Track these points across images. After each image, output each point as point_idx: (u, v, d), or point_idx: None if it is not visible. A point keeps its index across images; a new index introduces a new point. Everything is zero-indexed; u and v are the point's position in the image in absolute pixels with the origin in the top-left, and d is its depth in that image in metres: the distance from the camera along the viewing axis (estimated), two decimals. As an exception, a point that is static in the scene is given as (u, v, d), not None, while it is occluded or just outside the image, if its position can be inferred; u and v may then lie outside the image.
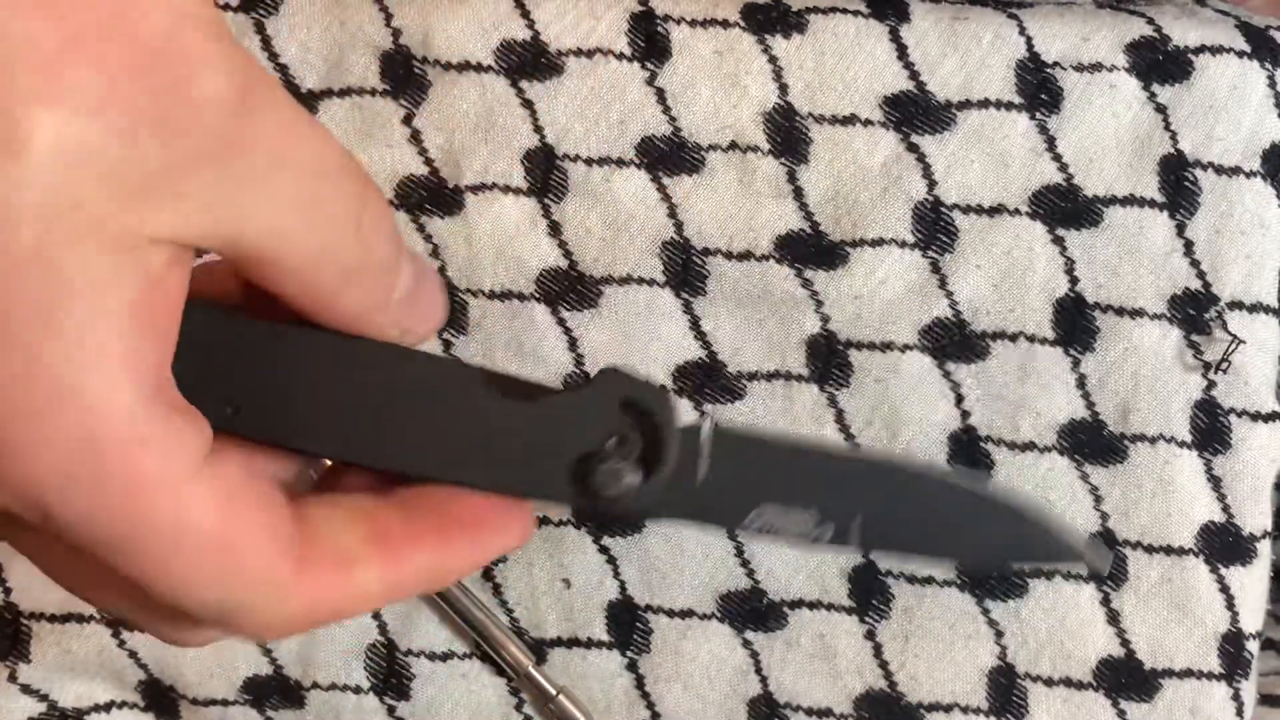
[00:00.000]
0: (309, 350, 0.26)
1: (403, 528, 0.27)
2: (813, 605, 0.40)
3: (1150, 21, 0.39)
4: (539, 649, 0.41)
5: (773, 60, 0.39)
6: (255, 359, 0.26)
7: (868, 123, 0.39)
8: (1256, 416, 0.40)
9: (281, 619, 0.25)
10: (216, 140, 0.22)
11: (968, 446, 0.40)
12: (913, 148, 0.39)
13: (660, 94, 0.39)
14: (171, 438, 0.23)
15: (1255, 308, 0.39)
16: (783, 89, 0.39)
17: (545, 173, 0.40)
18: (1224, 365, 0.39)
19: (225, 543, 0.24)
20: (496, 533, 0.28)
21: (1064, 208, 0.39)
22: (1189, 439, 0.40)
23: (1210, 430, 0.40)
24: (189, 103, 0.22)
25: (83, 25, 0.21)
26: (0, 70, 0.20)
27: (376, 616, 0.41)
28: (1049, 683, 0.40)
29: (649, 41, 0.39)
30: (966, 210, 0.40)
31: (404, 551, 0.27)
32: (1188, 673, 0.40)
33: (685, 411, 0.28)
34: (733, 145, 0.39)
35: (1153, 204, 0.39)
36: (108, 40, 0.21)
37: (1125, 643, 0.40)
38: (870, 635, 0.40)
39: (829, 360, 0.40)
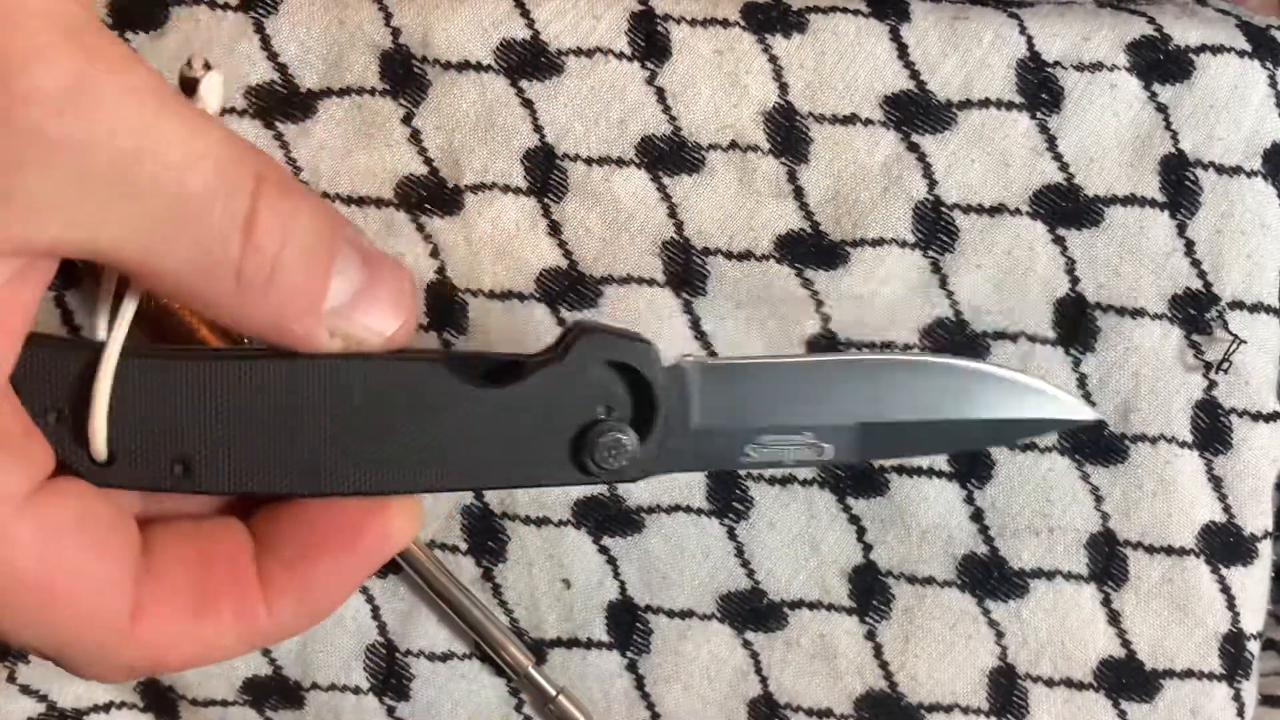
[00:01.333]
0: (256, 382, 0.24)
1: (271, 562, 0.25)
2: (813, 605, 0.40)
3: (1151, 21, 0.39)
4: (539, 649, 0.41)
5: (773, 60, 0.39)
6: (200, 406, 0.24)
7: (868, 122, 0.39)
8: (1257, 416, 0.40)
9: (117, 667, 0.24)
10: (44, 139, 0.20)
11: (968, 446, 0.40)
12: (913, 147, 0.39)
13: (660, 93, 0.39)
14: None
15: (1256, 307, 0.39)
16: (783, 88, 0.39)
17: (545, 172, 0.39)
18: (1225, 365, 0.39)
19: (46, 588, 0.22)
20: (381, 537, 0.26)
21: (1065, 207, 0.39)
22: (1190, 439, 0.40)
23: (1211, 430, 0.40)
24: (10, 99, 0.19)
25: None
26: None
27: (376, 617, 0.41)
28: (1049, 683, 0.40)
29: (649, 41, 0.39)
30: (967, 210, 0.40)
31: (270, 593, 0.25)
32: (1188, 673, 0.40)
33: (664, 355, 0.27)
34: (733, 145, 0.39)
35: (1153, 204, 0.39)
36: None
37: (1126, 643, 0.40)
38: (871, 635, 0.40)
39: (829, 360, 0.40)
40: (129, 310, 0.24)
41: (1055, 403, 0.29)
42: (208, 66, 0.23)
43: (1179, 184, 0.39)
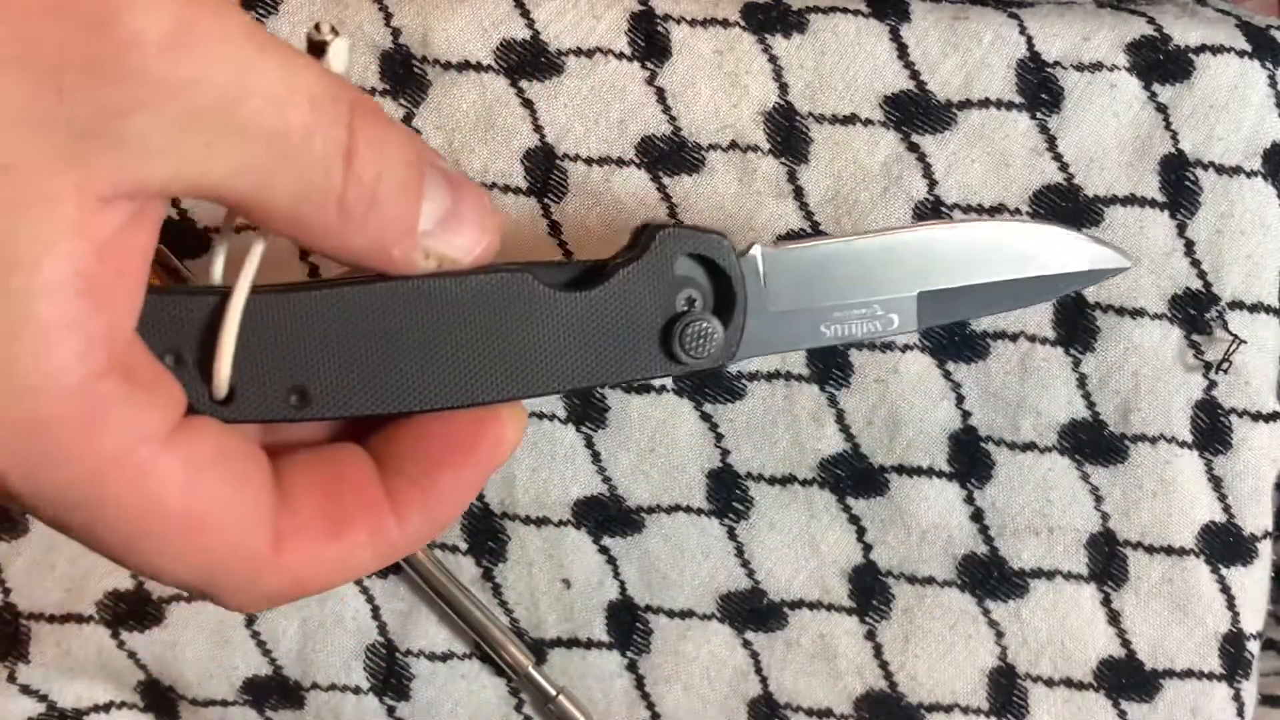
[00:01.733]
0: (362, 307, 0.25)
1: (396, 480, 0.26)
2: (813, 605, 0.40)
3: (1151, 21, 0.39)
4: (539, 649, 0.41)
5: (773, 60, 0.39)
6: (311, 335, 0.25)
7: (868, 122, 0.39)
8: (1257, 416, 0.40)
9: (261, 595, 0.24)
10: (149, 81, 0.20)
11: (968, 446, 0.40)
12: (913, 147, 0.39)
13: (660, 93, 0.39)
14: (129, 413, 0.22)
15: (1256, 307, 0.39)
16: (783, 88, 0.39)
17: (545, 172, 0.39)
18: (1225, 365, 0.39)
19: (193, 521, 0.23)
20: (494, 443, 0.27)
21: (1064, 207, 0.39)
22: (1190, 439, 0.40)
23: (1211, 430, 0.40)
24: (118, 43, 0.20)
25: None
26: None
27: (376, 617, 0.41)
28: (1049, 683, 0.40)
29: (649, 41, 0.39)
30: (967, 210, 0.40)
31: (399, 509, 0.26)
32: (1188, 673, 0.40)
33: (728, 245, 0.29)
34: (733, 145, 0.39)
35: (1153, 204, 0.39)
36: None
37: (1126, 643, 0.40)
38: (870, 635, 0.40)
39: (829, 360, 0.40)
40: (259, 249, 0.25)
41: (1097, 252, 0.31)
42: (335, 32, 0.24)
43: (1179, 184, 0.39)
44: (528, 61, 0.39)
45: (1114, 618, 0.40)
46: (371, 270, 0.25)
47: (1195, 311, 0.39)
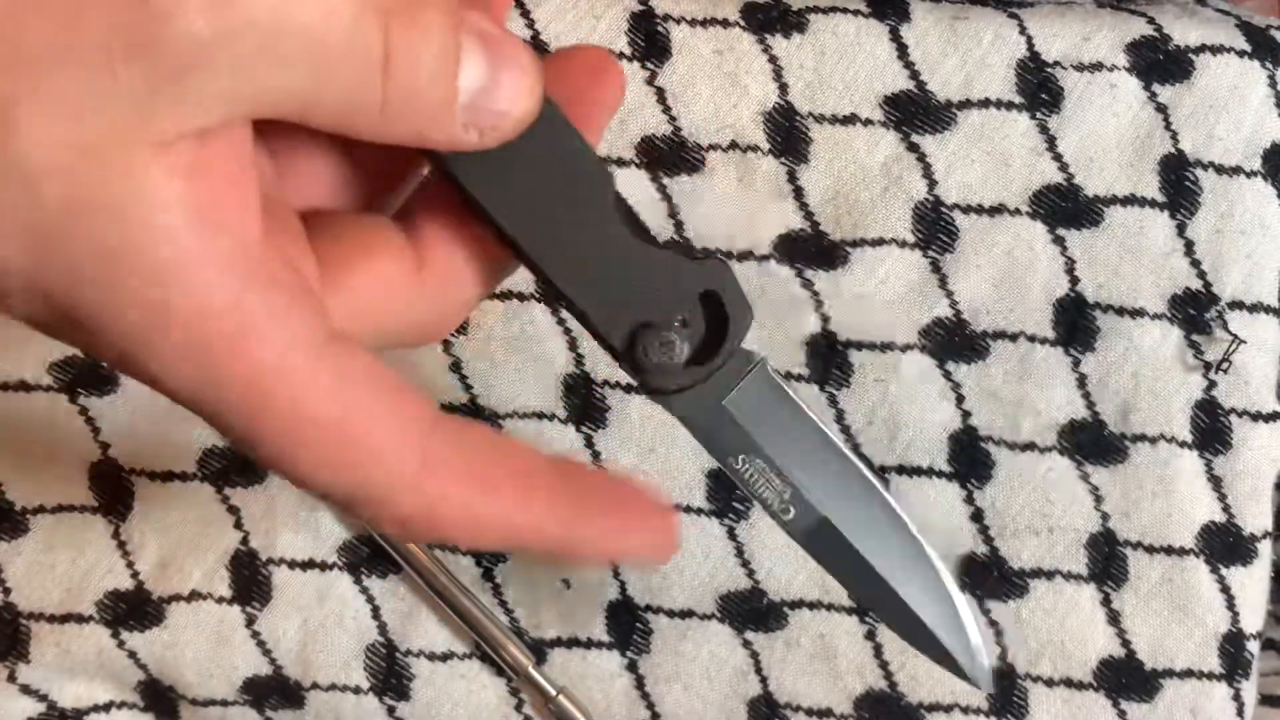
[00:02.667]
0: None
1: (548, 480, 0.27)
2: (813, 605, 0.40)
3: (1151, 21, 0.39)
4: (539, 649, 0.41)
5: (773, 60, 0.39)
6: None
7: (868, 122, 0.39)
8: (1257, 416, 0.40)
9: (399, 516, 0.25)
10: (194, 46, 0.22)
11: (968, 446, 0.40)
12: (913, 147, 0.39)
13: (660, 93, 0.39)
14: (280, 323, 0.23)
15: (1256, 307, 0.39)
16: (783, 88, 0.39)
17: (545, 172, 0.39)
18: (1224, 365, 0.39)
19: (346, 430, 0.24)
20: (634, 530, 0.28)
21: (1064, 207, 0.39)
22: (1189, 439, 0.40)
23: (1211, 430, 0.40)
24: (156, 15, 0.21)
25: None
26: None
27: (376, 617, 0.41)
28: (1049, 683, 0.40)
29: (649, 41, 0.39)
30: (967, 210, 0.40)
31: (540, 503, 0.27)
32: (1188, 673, 0.40)
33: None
34: (733, 145, 0.39)
35: (1153, 204, 0.39)
36: None
37: (1126, 643, 0.40)
38: (870, 635, 0.40)
39: (829, 360, 0.40)
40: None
41: (965, 652, 0.30)
42: None
43: (1179, 184, 0.39)
44: (528, 61, 0.39)
45: (1114, 618, 0.40)
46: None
47: (1195, 311, 0.39)
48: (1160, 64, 0.39)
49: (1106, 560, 0.40)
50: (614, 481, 0.29)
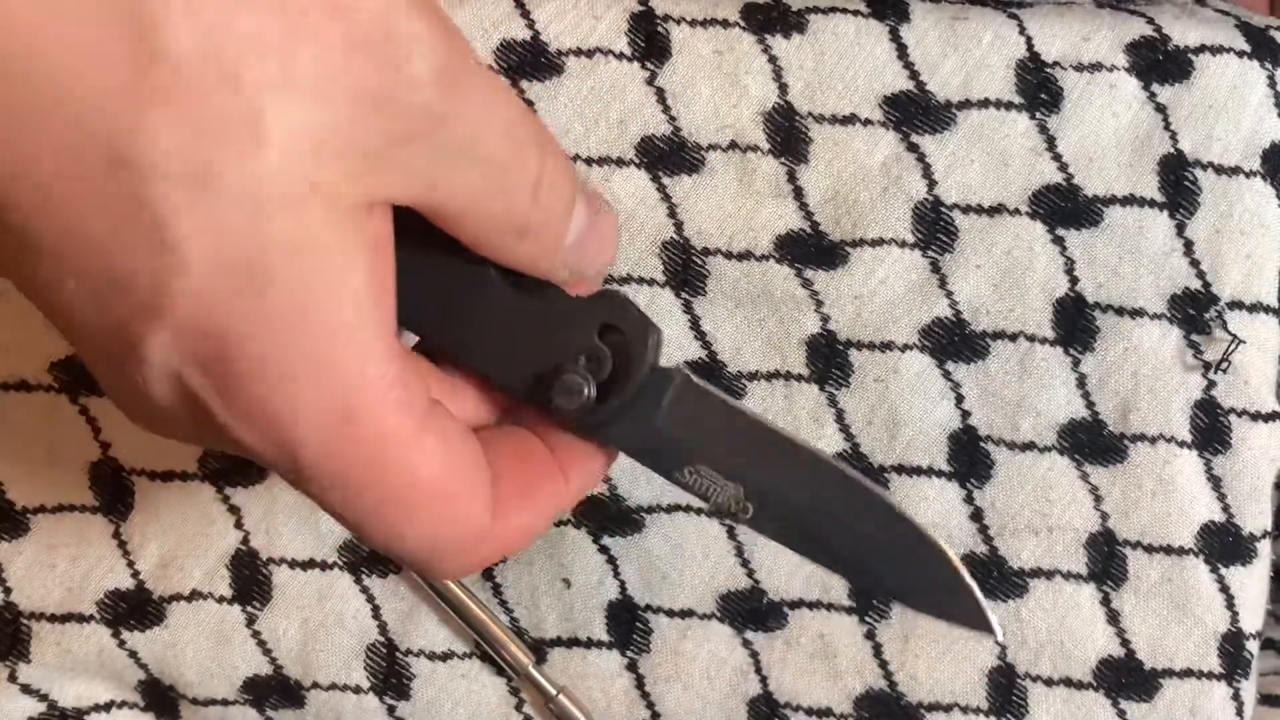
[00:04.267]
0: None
1: (559, 449, 0.29)
2: (813, 605, 0.40)
3: (1150, 21, 0.39)
4: (539, 649, 0.41)
5: (773, 60, 0.39)
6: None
7: (868, 122, 0.39)
8: (1256, 416, 0.40)
9: (476, 563, 0.27)
10: (427, 115, 0.23)
11: (968, 446, 0.40)
12: (913, 147, 0.39)
13: (660, 94, 0.39)
14: (406, 394, 0.24)
15: (1255, 307, 0.39)
16: (783, 89, 0.39)
17: (545, 172, 0.39)
18: (1224, 365, 0.39)
19: (445, 493, 0.25)
20: (582, 475, 0.30)
21: (1064, 207, 0.39)
22: (1189, 439, 0.40)
23: (1210, 430, 0.40)
24: (405, 81, 0.22)
25: (303, 12, 0.21)
26: (236, 64, 0.21)
27: (377, 616, 0.41)
28: (1049, 683, 0.40)
29: (649, 41, 0.39)
30: (966, 210, 0.40)
31: (566, 470, 0.29)
32: (1188, 673, 0.40)
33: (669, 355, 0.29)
34: (733, 145, 0.39)
35: (1153, 204, 0.39)
36: (327, 24, 0.22)
37: (1125, 642, 0.40)
38: (870, 635, 0.40)
39: (829, 360, 0.40)
40: None
41: (959, 606, 0.30)
42: None
43: (1178, 184, 0.39)
44: (528, 62, 0.39)
45: (1113, 617, 0.40)
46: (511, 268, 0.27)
47: (1194, 311, 0.39)
48: (1160, 64, 0.39)
49: (1106, 560, 0.40)
50: (550, 440, 0.30)
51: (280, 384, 0.23)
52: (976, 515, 0.40)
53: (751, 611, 0.40)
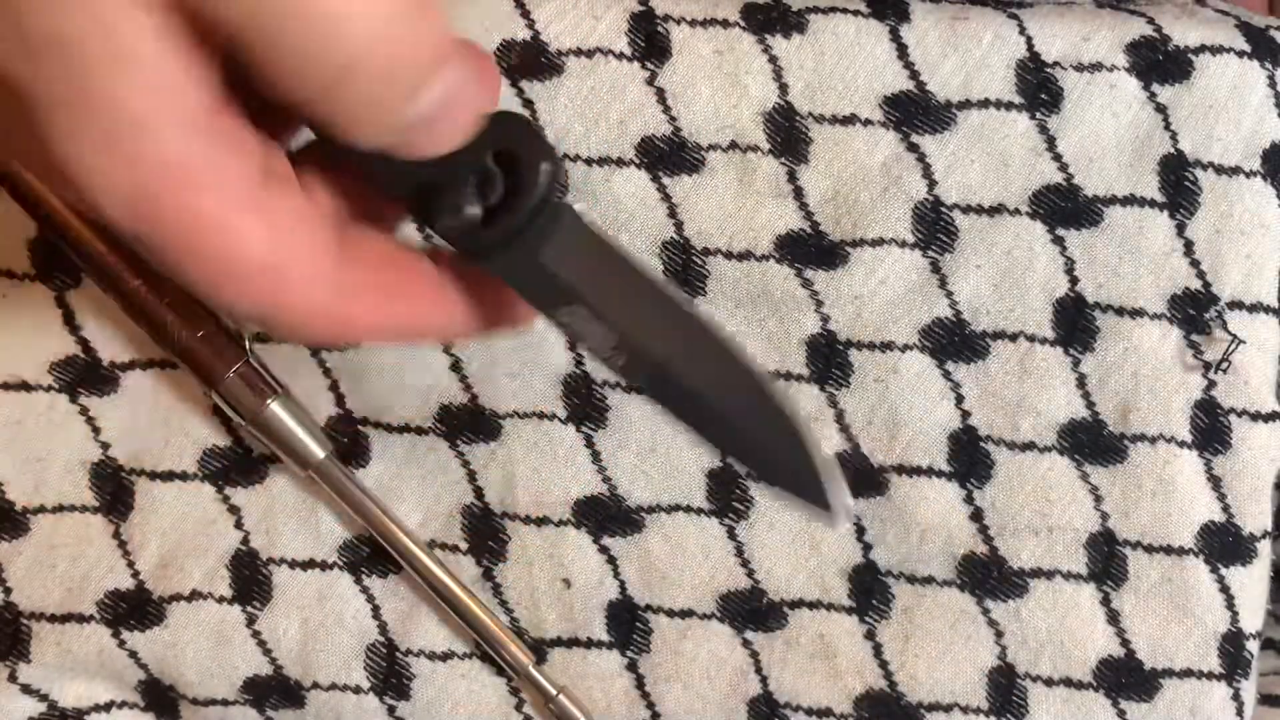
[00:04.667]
0: None
1: (403, 274, 0.29)
2: (813, 605, 0.40)
3: (1150, 21, 0.39)
4: (539, 649, 0.41)
5: (773, 60, 0.39)
6: None
7: (868, 122, 0.39)
8: (1256, 416, 0.40)
9: (318, 331, 0.27)
10: None
11: (968, 446, 0.40)
12: (913, 147, 0.39)
13: (660, 94, 0.39)
14: (218, 175, 0.24)
15: (1255, 307, 0.39)
16: (783, 89, 0.39)
17: (545, 172, 0.39)
18: (1224, 365, 0.39)
19: (270, 267, 0.25)
20: (467, 303, 0.29)
21: (1064, 207, 0.39)
22: (1189, 439, 0.40)
23: (1210, 430, 0.40)
24: None
25: None
26: None
27: (377, 616, 0.41)
28: (1049, 683, 0.40)
29: (649, 41, 0.39)
30: (966, 210, 0.40)
31: (403, 294, 0.29)
32: (1188, 672, 0.40)
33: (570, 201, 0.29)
34: (733, 145, 0.39)
35: (1153, 204, 0.39)
36: None
37: (1125, 642, 0.40)
38: (870, 635, 0.40)
39: (829, 360, 0.40)
40: None
41: (810, 483, 0.29)
42: None
43: (1178, 184, 0.39)
44: (528, 62, 0.39)
45: (1113, 617, 0.40)
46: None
47: (1194, 311, 0.39)
48: (1160, 64, 0.39)
49: (1106, 560, 0.40)
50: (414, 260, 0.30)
51: (84, 156, 0.23)
52: (976, 515, 0.40)
53: (751, 611, 0.40)
